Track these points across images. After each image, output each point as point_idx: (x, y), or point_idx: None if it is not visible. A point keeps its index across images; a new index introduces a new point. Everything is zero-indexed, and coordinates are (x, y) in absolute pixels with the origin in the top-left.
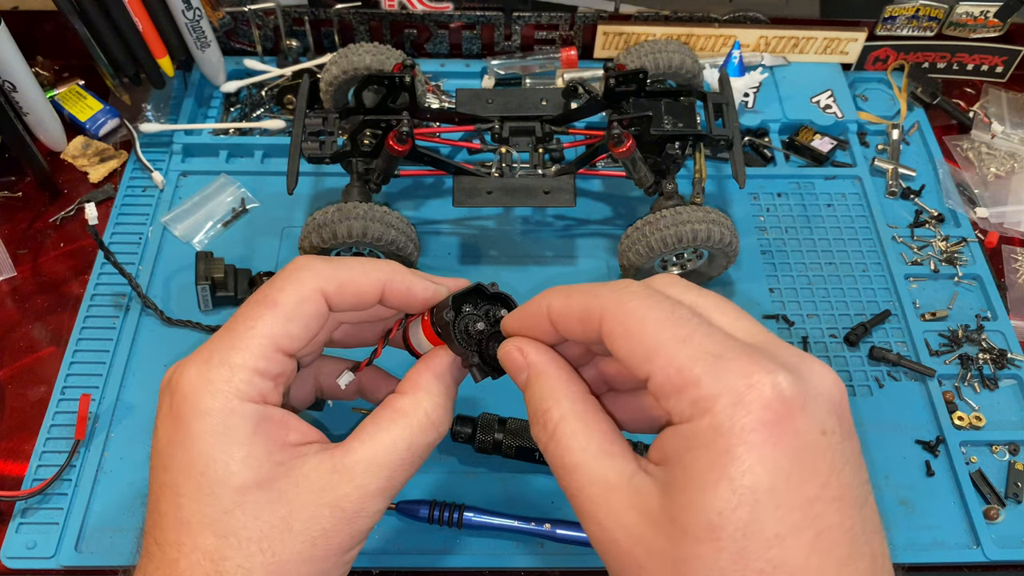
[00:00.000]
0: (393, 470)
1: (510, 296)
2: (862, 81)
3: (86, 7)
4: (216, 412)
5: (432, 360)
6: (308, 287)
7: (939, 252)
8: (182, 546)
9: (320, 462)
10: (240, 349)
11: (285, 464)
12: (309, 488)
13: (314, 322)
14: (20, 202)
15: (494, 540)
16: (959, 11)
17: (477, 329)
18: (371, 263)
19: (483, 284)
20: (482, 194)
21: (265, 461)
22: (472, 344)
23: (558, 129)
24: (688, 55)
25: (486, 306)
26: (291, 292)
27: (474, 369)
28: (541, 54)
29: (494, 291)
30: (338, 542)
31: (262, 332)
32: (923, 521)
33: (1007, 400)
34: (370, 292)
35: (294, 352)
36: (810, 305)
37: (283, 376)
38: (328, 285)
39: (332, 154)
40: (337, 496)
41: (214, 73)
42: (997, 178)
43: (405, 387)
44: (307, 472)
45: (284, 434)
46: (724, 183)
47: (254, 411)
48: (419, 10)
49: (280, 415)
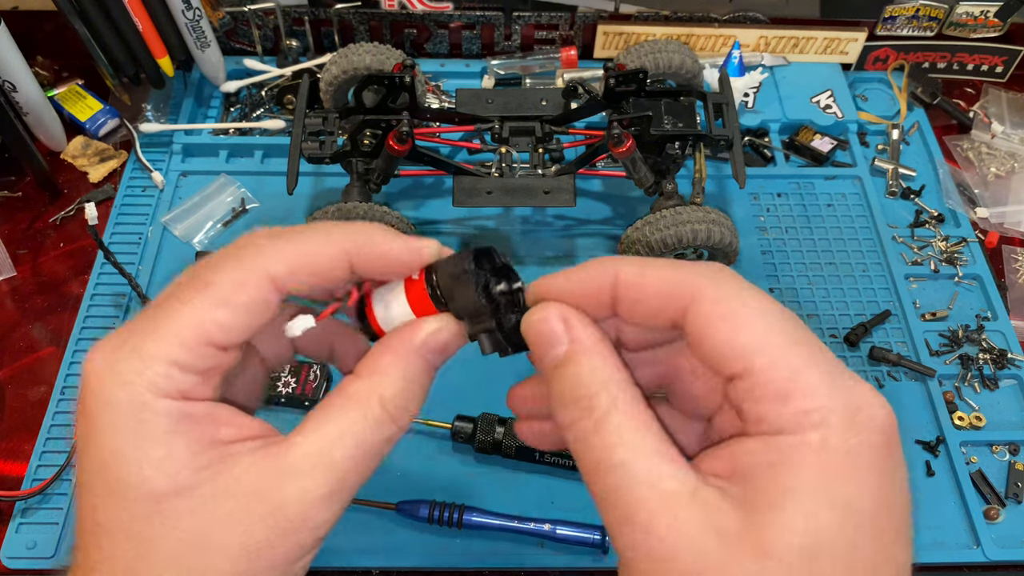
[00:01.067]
0: (343, 472)
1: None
2: (862, 81)
3: (86, 7)
4: (124, 406)
5: (400, 337)
6: (248, 269)
7: (939, 252)
8: (100, 550)
9: (254, 462)
10: (157, 337)
11: (212, 467)
12: (241, 493)
13: (254, 311)
14: (20, 202)
15: (494, 540)
16: (959, 11)
17: (499, 290)
18: (333, 228)
19: (496, 250)
20: (482, 194)
21: (186, 464)
22: (489, 307)
23: (558, 129)
24: (688, 55)
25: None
26: (228, 274)
27: (484, 337)
28: (541, 54)
29: (503, 262)
30: (281, 554)
31: (186, 319)
32: (923, 521)
33: (1007, 400)
34: (333, 268)
35: (228, 345)
36: (810, 305)
37: (215, 371)
38: (276, 265)
39: (332, 154)
40: (275, 503)
41: (214, 73)
42: (997, 178)
43: (362, 368)
44: (238, 475)
45: (213, 431)
46: (724, 183)
47: (171, 408)
48: (419, 10)
49: (207, 409)
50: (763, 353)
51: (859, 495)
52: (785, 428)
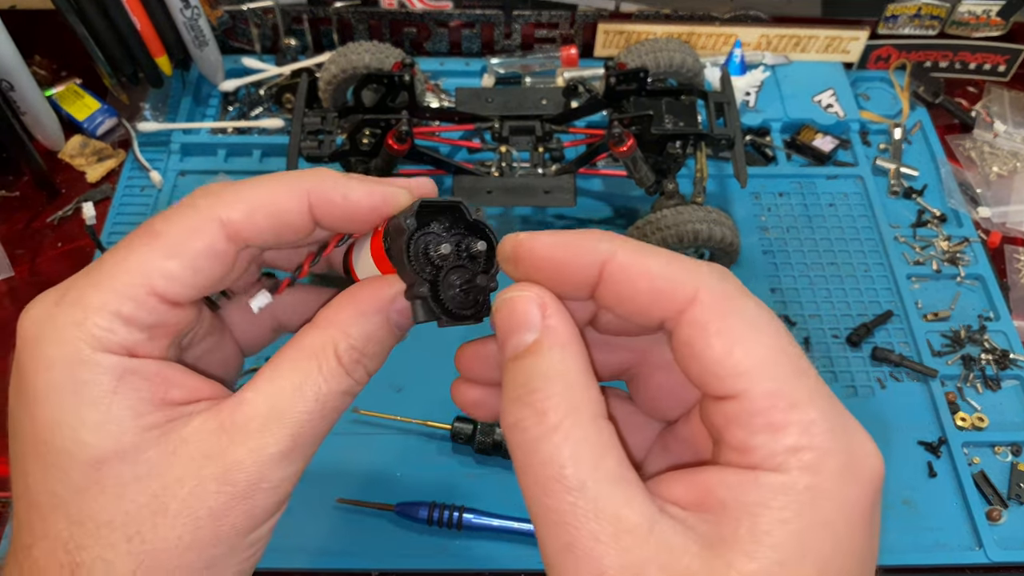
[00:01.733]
0: (299, 427)
1: (491, 228)
2: (864, 80)
3: (84, 6)
4: (61, 364)
5: (363, 290)
6: (201, 216)
7: (941, 252)
8: (32, 530)
9: (204, 421)
10: (101, 287)
11: (159, 428)
12: (189, 456)
13: (208, 262)
14: (18, 201)
15: (494, 542)
16: (961, 10)
17: (440, 252)
18: (291, 172)
19: (465, 204)
20: (482, 193)
21: (130, 426)
22: (427, 270)
23: (558, 128)
24: (689, 54)
25: (462, 234)
26: (178, 221)
27: (418, 303)
28: (541, 53)
29: (476, 217)
30: (232, 523)
31: (132, 268)
32: (925, 522)
33: (1009, 401)
34: (293, 212)
35: (179, 299)
36: (812, 305)
37: (165, 329)
38: (232, 211)
39: (331, 153)
40: (226, 465)
41: (212, 72)
42: (999, 177)
43: (320, 318)
44: (187, 436)
45: (161, 391)
46: (725, 182)
47: (114, 364)
48: (418, 8)
49: (156, 368)
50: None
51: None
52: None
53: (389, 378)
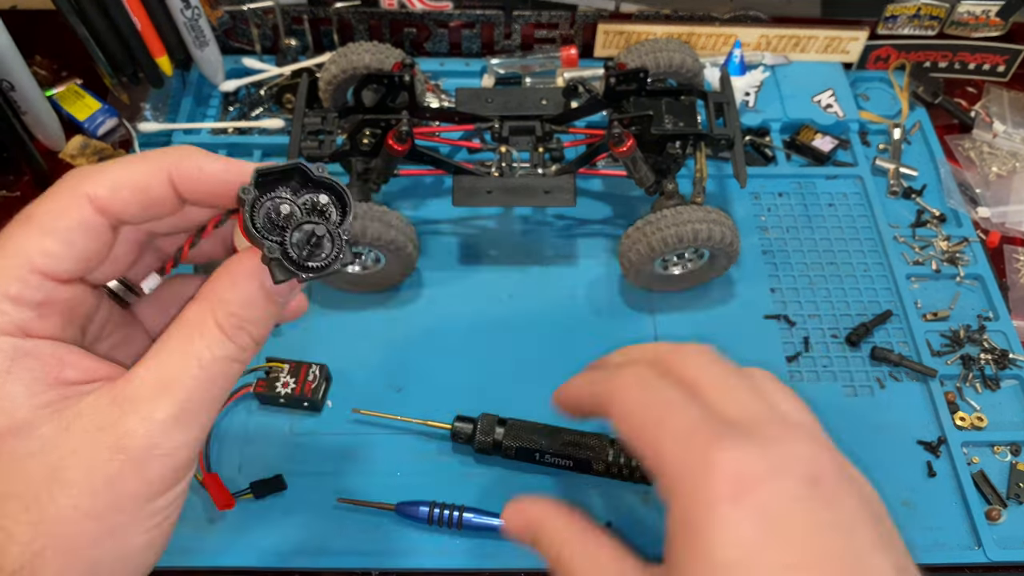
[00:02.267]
0: (186, 394)
1: (338, 183)
2: (863, 80)
3: (84, 6)
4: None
5: (237, 261)
6: (69, 194)
7: (941, 252)
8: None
9: (98, 397)
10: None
11: (53, 405)
12: (83, 429)
13: (81, 235)
14: (19, 202)
15: (494, 541)
16: (961, 10)
17: (280, 211)
18: (156, 150)
19: (307, 164)
20: (482, 194)
21: (24, 403)
22: (275, 232)
23: (558, 128)
24: (689, 54)
25: (310, 193)
26: (47, 203)
27: (272, 265)
28: (541, 53)
29: (320, 176)
30: (130, 491)
31: (11, 251)
32: (924, 522)
33: (1009, 400)
34: (155, 186)
35: (62, 274)
36: (811, 305)
37: (55, 306)
38: (97, 188)
39: (331, 153)
40: (118, 434)
41: (213, 72)
42: (999, 178)
43: (199, 293)
44: (81, 411)
45: (56, 370)
46: (725, 182)
47: (6, 345)
48: (418, 9)
49: (50, 349)
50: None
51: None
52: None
53: (389, 378)
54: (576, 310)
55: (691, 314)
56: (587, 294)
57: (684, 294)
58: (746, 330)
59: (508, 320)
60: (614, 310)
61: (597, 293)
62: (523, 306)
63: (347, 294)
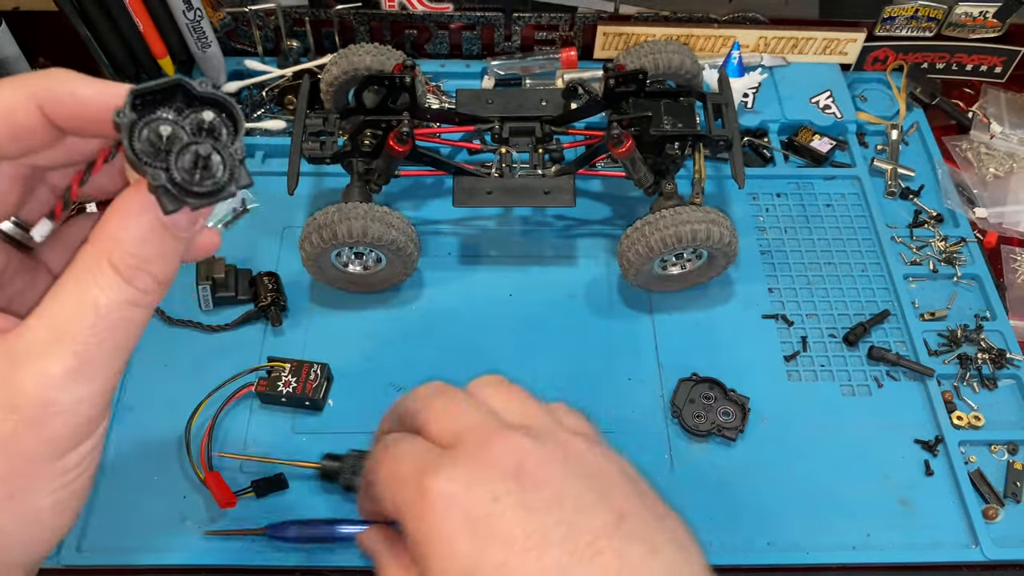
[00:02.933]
0: (82, 345)
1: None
2: (861, 81)
3: (87, 7)
4: None
5: (127, 197)
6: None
7: (938, 252)
8: None
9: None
10: None
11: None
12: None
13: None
14: None
15: None
16: (958, 11)
17: (161, 134)
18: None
19: (186, 80)
20: (482, 194)
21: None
22: (159, 158)
23: (558, 129)
24: (688, 55)
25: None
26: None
27: (159, 193)
28: (541, 55)
29: (201, 91)
30: (28, 452)
31: None
32: (922, 521)
33: (1006, 400)
34: (21, 112)
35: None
36: (809, 305)
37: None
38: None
39: (332, 154)
40: (11, 392)
41: (215, 73)
42: (996, 178)
43: (93, 234)
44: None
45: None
46: (723, 183)
47: None
48: (419, 11)
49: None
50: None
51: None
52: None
53: (389, 377)
54: (576, 310)
55: (690, 314)
56: (586, 294)
57: (683, 294)
58: (744, 330)
59: (508, 320)
60: (613, 310)
61: (596, 293)
62: (523, 306)
63: (347, 294)
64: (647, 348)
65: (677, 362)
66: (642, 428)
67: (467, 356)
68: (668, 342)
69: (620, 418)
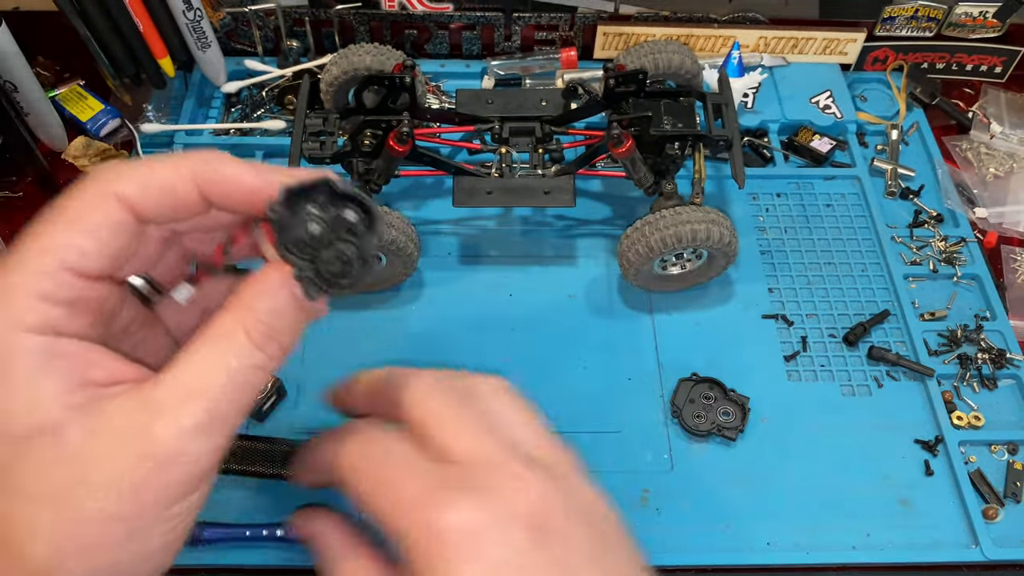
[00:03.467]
0: (213, 402)
1: (365, 197)
2: (861, 81)
3: (87, 7)
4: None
5: (266, 272)
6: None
7: (938, 252)
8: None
9: (126, 401)
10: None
11: (83, 407)
12: (111, 432)
13: (110, 233)
14: (21, 202)
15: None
16: (958, 11)
17: (311, 232)
18: (183, 154)
19: (332, 179)
20: (482, 194)
21: (54, 404)
22: (305, 250)
23: (558, 129)
24: (688, 55)
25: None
26: (78, 199)
27: (303, 283)
28: (541, 55)
29: (344, 189)
30: (153, 496)
31: (45, 247)
32: (922, 520)
33: (1006, 400)
34: (182, 187)
35: (92, 272)
36: (809, 305)
37: (85, 304)
38: (127, 187)
39: (332, 154)
40: (145, 440)
41: (215, 73)
42: (996, 178)
43: (229, 301)
44: (110, 413)
45: (83, 371)
46: (723, 183)
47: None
48: (419, 11)
49: (79, 349)
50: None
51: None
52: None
53: None
54: (576, 310)
55: (689, 314)
56: (586, 294)
57: (683, 294)
58: (744, 330)
59: (508, 320)
60: (613, 310)
61: (596, 293)
62: (523, 306)
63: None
64: (647, 348)
65: (677, 362)
66: (642, 428)
67: (467, 356)
68: (668, 342)
69: (620, 418)
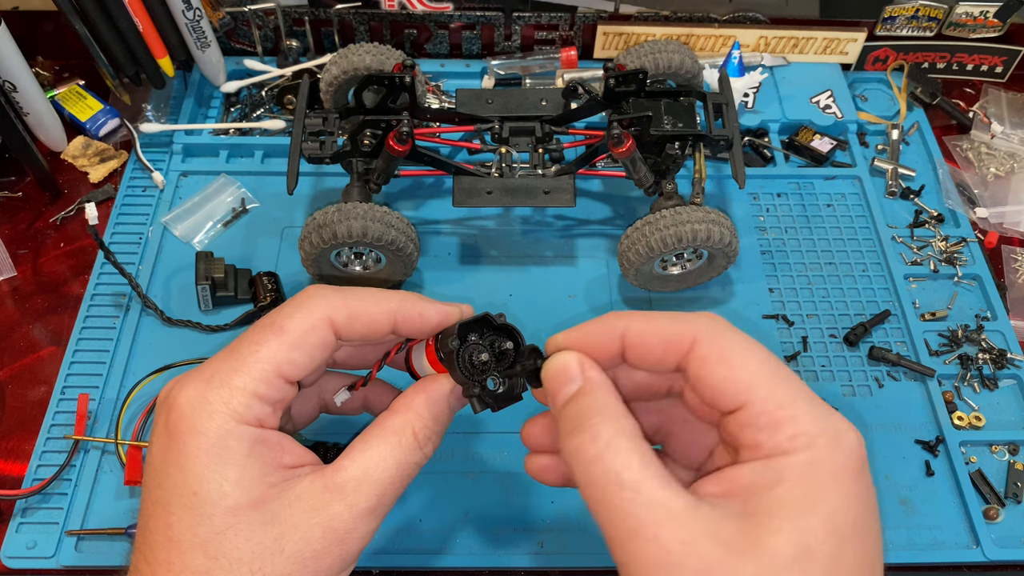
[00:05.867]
0: (383, 488)
1: (516, 328)
2: (862, 81)
3: (86, 7)
4: (212, 433)
5: (430, 384)
6: (317, 316)
7: (939, 252)
8: (171, 566)
9: (312, 482)
10: (242, 372)
11: (278, 486)
12: (302, 508)
13: (319, 351)
14: (20, 202)
15: (494, 539)
16: (959, 11)
17: (481, 360)
18: (382, 292)
19: (491, 315)
20: (482, 194)
21: (259, 482)
22: (475, 374)
23: (558, 129)
24: (688, 55)
25: (492, 336)
26: (299, 320)
27: (474, 400)
28: (541, 54)
29: (501, 322)
30: (328, 563)
31: (265, 357)
32: (923, 521)
33: (1007, 400)
34: (381, 322)
35: (296, 379)
36: (810, 305)
37: (283, 402)
38: (338, 315)
39: (332, 154)
40: (329, 516)
41: (214, 73)
42: (996, 178)
43: (398, 405)
44: (300, 492)
45: (279, 456)
46: (724, 183)
47: (250, 434)
48: (419, 10)
49: (276, 438)
50: (757, 390)
51: (843, 506)
52: (778, 451)
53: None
54: (576, 310)
55: None
56: (586, 294)
57: (683, 294)
58: (744, 330)
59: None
60: (613, 310)
61: (596, 293)
62: (523, 306)
63: None
64: None
65: None
66: None
67: None
68: None
69: None
